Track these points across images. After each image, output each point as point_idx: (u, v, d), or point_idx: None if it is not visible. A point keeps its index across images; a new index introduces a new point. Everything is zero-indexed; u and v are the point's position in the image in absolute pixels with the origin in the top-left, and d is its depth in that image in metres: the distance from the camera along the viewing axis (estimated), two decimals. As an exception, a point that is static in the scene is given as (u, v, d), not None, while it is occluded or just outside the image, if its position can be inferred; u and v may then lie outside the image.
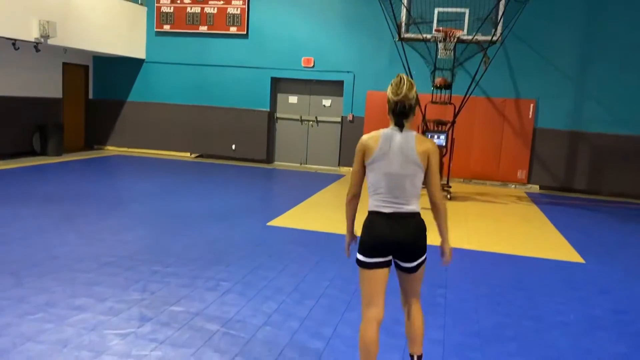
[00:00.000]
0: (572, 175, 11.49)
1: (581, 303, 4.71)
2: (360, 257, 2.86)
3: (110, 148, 13.80)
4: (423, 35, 10.11)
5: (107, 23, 12.08)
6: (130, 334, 3.56)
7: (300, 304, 4.28)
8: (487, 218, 8.20)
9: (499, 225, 7.75)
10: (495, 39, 9.75)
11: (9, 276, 4.47)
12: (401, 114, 2.78)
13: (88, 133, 13.79)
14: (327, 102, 12.87)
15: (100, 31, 11.85)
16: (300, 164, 13.15)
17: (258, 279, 4.80)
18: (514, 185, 11.78)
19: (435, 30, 10.13)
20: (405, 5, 10.35)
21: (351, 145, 12.45)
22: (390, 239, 2.78)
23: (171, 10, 13.09)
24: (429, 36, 10.12)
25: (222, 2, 12.76)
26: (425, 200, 2.84)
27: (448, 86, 9.94)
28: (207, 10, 12.87)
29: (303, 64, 12.56)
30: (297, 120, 13.08)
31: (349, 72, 12.34)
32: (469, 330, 3.98)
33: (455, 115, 10.06)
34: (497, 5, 9.88)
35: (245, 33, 12.74)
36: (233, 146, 13.11)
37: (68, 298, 4.08)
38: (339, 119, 12.70)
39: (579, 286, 5.18)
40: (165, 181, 9.63)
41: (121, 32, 12.57)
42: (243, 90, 12.91)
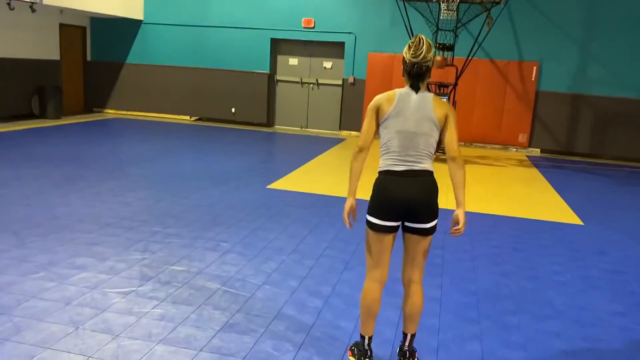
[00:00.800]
0: (574, 139, 11.43)
1: (578, 264, 4.76)
2: (372, 219, 2.75)
3: (109, 111, 13.71)
4: (425, -5, 9.91)
5: (104, -18, 11.83)
6: (131, 292, 3.61)
7: (299, 264, 4.32)
8: (488, 181, 8.21)
9: (499, 188, 7.76)
10: (499, -1, 9.56)
11: (10, 236, 4.51)
12: (418, 76, 2.69)
13: (87, 96, 13.67)
14: (328, 64, 12.70)
15: (97, -9, 11.63)
16: (301, 127, 13.08)
17: (258, 240, 4.84)
18: (515, 149, 11.74)
19: (438, -11, 9.93)
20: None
21: (352, 109, 12.36)
22: (403, 198, 2.67)
23: (168, -31, 12.79)
24: (431, -4, 9.93)
25: (221, -39, 12.46)
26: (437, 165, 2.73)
27: (450, 48, 9.79)
28: (205, -31, 12.58)
29: (303, 25, 12.34)
30: (298, 82, 12.94)
31: (350, 33, 12.14)
32: (466, 289, 4.04)
33: (457, 78, 9.95)
34: (502, -36, 9.65)
35: (244, -7, 12.50)
36: (233, 109, 13.01)
37: (69, 258, 4.13)
38: (340, 82, 12.56)
39: (577, 247, 5.22)
40: (165, 144, 9.60)
41: (118, -8, 12.33)
42: (243, 52, 12.72)
